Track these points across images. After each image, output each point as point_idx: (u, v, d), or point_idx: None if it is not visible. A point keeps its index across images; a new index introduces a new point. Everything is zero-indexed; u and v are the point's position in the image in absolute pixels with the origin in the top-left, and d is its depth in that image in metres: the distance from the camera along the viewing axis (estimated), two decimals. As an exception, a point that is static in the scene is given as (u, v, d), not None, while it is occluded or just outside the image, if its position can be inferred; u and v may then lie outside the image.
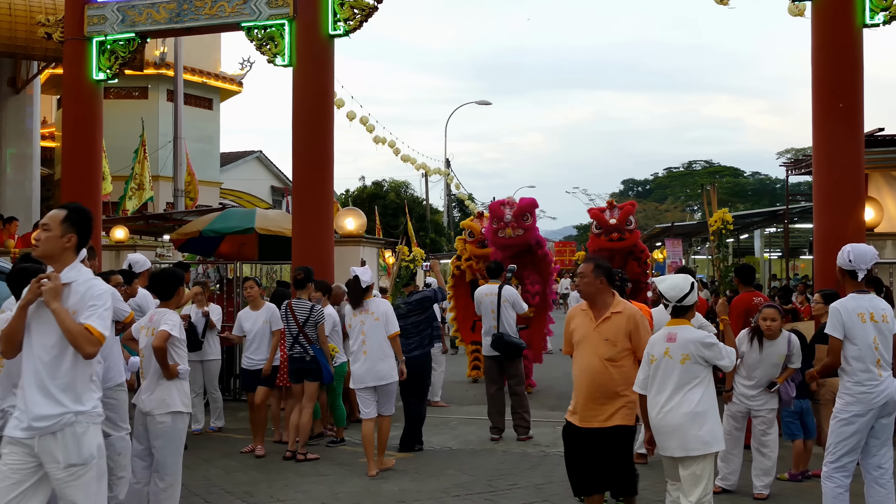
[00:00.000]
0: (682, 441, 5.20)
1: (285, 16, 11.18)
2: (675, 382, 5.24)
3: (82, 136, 12.31)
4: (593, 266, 5.54)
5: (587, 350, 5.53)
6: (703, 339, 5.30)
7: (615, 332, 5.47)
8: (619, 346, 5.46)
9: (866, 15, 9.58)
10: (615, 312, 5.52)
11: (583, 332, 5.57)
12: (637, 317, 5.53)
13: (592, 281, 5.53)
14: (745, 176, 71.94)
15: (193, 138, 23.60)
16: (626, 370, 5.47)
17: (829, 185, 9.76)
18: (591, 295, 5.57)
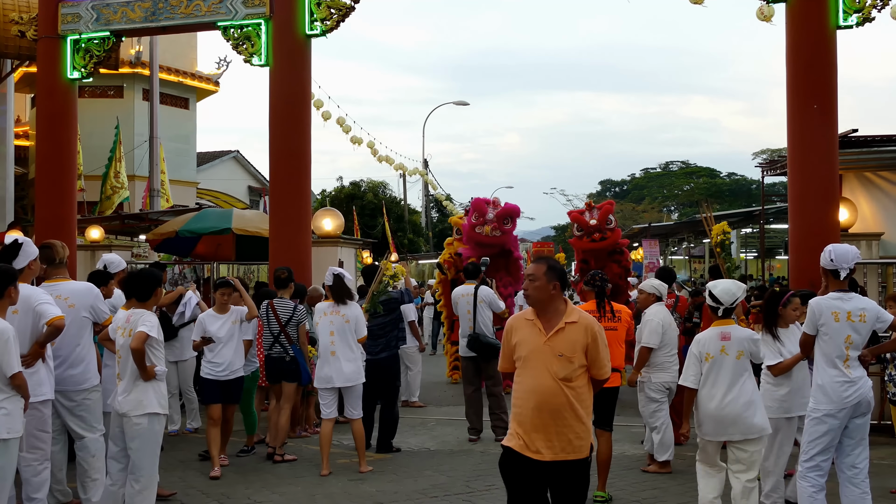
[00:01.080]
0: (742, 427, 5.97)
1: (262, 15, 11.13)
2: (731, 376, 6.02)
3: (57, 135, 12.19)
4: (546, 268, 4.67)
5: (537, 368, 4.57)
6: (753, 337, 6.18)
7: (570, 347, 4.56)
8: (575, 362, 4.55)
9: (840, 16, 9.67)
10: (570, 323, 4.61)
11: (530, 347, 4.63)
12: (595, 328, 4.65)
13: (544, 285, 4.64)
14: (721, 177, 72.42)
15: (170, 138, 23.43)
16: (582, 392, 4.60)
17: (804, 186, 9.84)
18: (541, 302, 4.67)
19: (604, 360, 4.66)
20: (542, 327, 4.63)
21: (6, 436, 5.38)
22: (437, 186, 43.26)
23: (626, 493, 7.40)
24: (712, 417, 6.03)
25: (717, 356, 6.04)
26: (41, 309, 5.92)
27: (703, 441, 6.17)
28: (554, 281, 4.65)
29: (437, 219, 48.21)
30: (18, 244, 6.22)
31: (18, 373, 5.42)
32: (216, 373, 8.20)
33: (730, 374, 6.01)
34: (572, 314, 4.67)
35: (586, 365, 4.63)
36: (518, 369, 4.70)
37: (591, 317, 4.71)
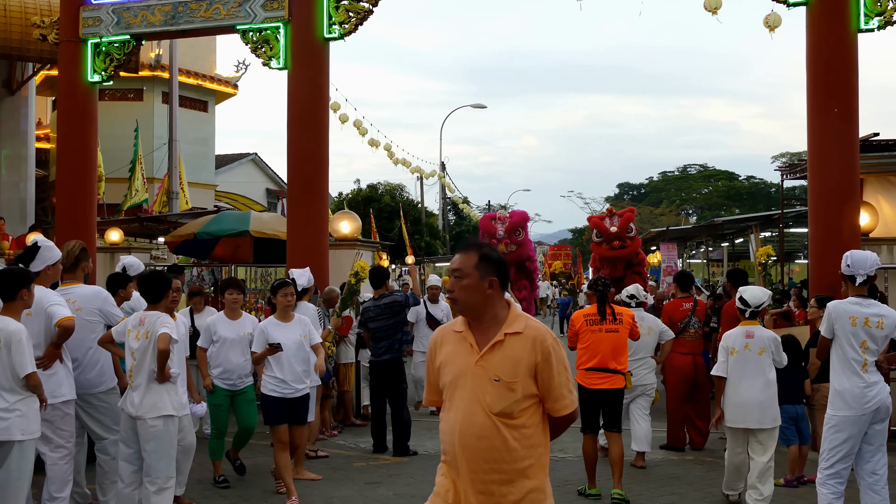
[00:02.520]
0: (759, 416, 6.77)
1: (280, 19, 11.17)
2: (752, 370, 6.79)
3: (77, 138, 12.28)
4: (477, 258, 3.41)
5: (465, 398, 3.36)
6: (775, 339, 7.00)
7: (511, 368, 3.32)
8: (517, 391, 3.30)
9: (861, 20, 9.60)
10: (511, 334, 3.36)
11: (458, 369, 3.40)
12: (548, 342, 3.37)
13: (476, 284, 3.39)
14: (740, 180, 72.04)
15: (188, 140, 23.56)
16: (531, 434, 3.36)
17: (824, 190, 9.77)
18: (472, 307, 3.41)
19: (562, 389, 3.37)
20: (475, 342, 3.39)
21: (20, 437, 5.42)
22: (454, 189, 43.33)
23: (644, 497, 7.37)
24: (733, 405, 6.85)
25: (741, 351, 6.86)
26: (52, 310, 5.97)
27: (727, 429, 6.98)
28: (490, 276, 3.39)
29: (454, 221, 48.24)
30: (36, 247, 6.26)
31: (33, 373, 5.46)
32: (281, 390, 7.15)
33: (751, 368, 6.82)
34: (516, 322, 3.39)
35: (537, 395, 3.36)
36: (445, 402, 3.46)
37: (544, 327, 3.45)
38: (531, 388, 3.35)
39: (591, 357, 7.33)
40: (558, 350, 3.40)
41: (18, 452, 5.43)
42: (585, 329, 7.41)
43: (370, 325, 9.32)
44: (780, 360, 6.99)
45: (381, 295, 9.38)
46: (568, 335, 7.90)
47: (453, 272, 3.45)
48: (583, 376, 7.35)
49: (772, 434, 6.86)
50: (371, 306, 9.32)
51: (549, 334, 3.43)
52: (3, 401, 5.41)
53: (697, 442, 9.45)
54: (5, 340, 5.43)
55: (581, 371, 7.37)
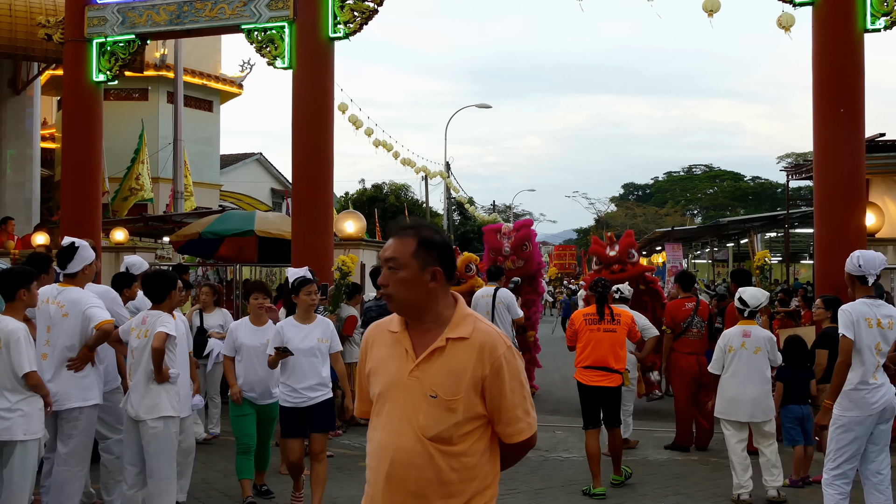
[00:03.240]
0: (751, 410, 7.17)
1: (285, 18, 11.16)
2: (748, 367, 7.15)
3: (82, 138, 12.28)
4: (416, 244, 2.80)
5: (395, 415, 2.78)
6: (771, 338, 7.35)
7: (452, 382, 2.73)
8: (458, 410, 2.72)
9: (867, 20, 9.56)
10: (455, 339, 2.77)
11: (389, 377, 2.82)
12: (499, 351, 2.76)
13: (415, 276, 2.79)
14: (745, 180, 71.99)
15: (193, 140, 23.58)
16: (474, 464, 2.76)
17: (830, 190, 9.74)
18: (411, 304, 2.82)
19: (516, 411, 2.76)
20: (411, 346, 2.80)
21: (22, 437, 5.42)
22: (458, 189, 43.34)
23: (649, 497, 7.36)
24: (728, 399, 7.25)
25: (738, 349, 7.23)
26: (90, 313, 6.00)
27: (723, 422, 7.34)
28: (432, 266, 2.79)
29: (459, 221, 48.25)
30: (74, 247, 6.22)
31: (31, 372, 5.46)
32: (293, 399, 6.51)
33: (747, 365, 7.19)
34: (462, 324, 2.79)
35: (485, 416, 2.77)
36: (372, 418, 2.89)
37: (496, 332, 2.83)
38: (477, 408, 2.74)
39: (589, 355, 7.58)
40: (513, 362, 2.77)
41: (21, 452, 5.44)
42: (584, 328, 7.65)
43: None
44: (775, 358, 7.37)
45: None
46: (567, 334, 8.13)
47: (386, 262, 2.81)
48: (581, 374, 7.64)
49: (765, 426, 7.30)
50: (373, 305, 9.32)
51: (501, 341, 2.78)
52: (5, 400, 5.42)
53: (702, 441, 9.43)
54: (4, 340, 5.44)
55: (580, 369, 7.66)
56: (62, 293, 6.11)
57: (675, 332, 9.47)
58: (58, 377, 5.97)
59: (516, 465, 2.98)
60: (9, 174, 18.25)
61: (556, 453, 9.12)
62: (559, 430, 10.51)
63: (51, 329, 6.05)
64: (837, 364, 5.75)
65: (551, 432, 10.36)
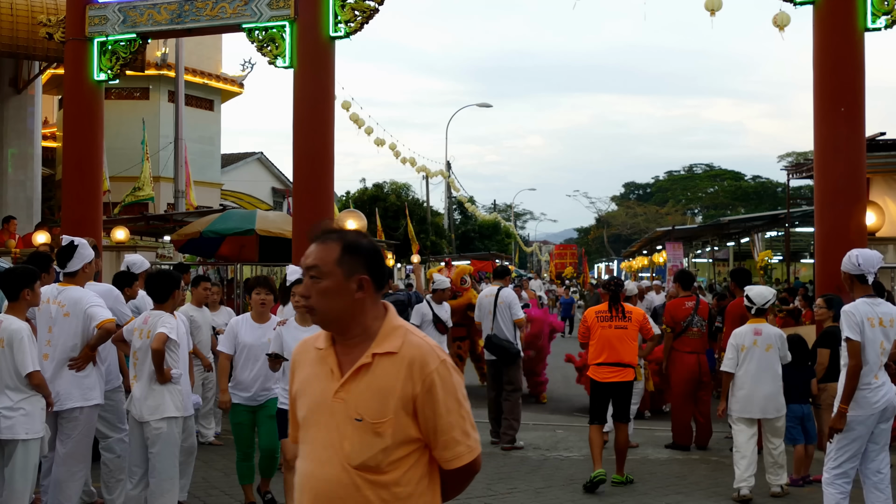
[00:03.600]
0: (764, 406, 7.28)
1: (286, 17, 11.16)
2: (759, 365, 7.26)
3: (83, 137, 12.29)
4: (340, 250, 2.56)
5: (319, 441, 2.54)
6: (781, 335, 7.46)
7: (379, 403, 2.47)
8: (387, 434, 2.46)
9: (868, 19, 9.55)
10: (382, 354, 2.52)
11: (314, 399, 2.57)
12: (432, 365, 2.50)
13: (340, 286, 2.54)
14: (746, 179, 71.97)
15: (194, 139, 23.57)
16: (411, 493, 2.51)
17: (831, 189, 9.73)
18: (336, 317, 2.56)
19: (453, 432, 2.50)
20: (336, 364, 2.55)
21: (24, 436, 5.44)
22: (459, 188, 43.38)
23: (650, 497, 7.37)
24: (741, 397, 7.32)
25: (749, 347, 7.32)
26: (91, 312, 5.99)
27: (735, 419, 7.40)
28: (358, 274, 2.55)
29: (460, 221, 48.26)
30: (74, 246, 6.22)
31: (35, 372, 5.47)
32: None
33: (758, 363, 7.27)
34: (390, 337, 2.54)
35: (420, 439, 2.50)
36: (300, 445, 2.63)
37: (429, 345, 2.54)
38: (408, 431, 2.46)
39: (601, 351, 7.75)
40: (448, 378, 2.49)
41: (23, 451, 5.45)
42: (597, 325, 7.84)
43: None
44: (785, 355, 7.41)
45: (384, 294, 9.35)
46: (580, 331, 8.30)
47: (307, 270, 2.55)
48: (595, 371, 7.81)
49: (777, 422, 7.40)
50: None
51: (434, 355, 2.50)
52: (7, 399, 5.43)
53: (701, 440, 9.44)
54: (7, 339, 5.45)
55: (593, 366, 7.82)
56: (63, 293, 6.11)
57: (676, 331, 9.48)
58: (59, 377, 5.97)
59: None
60: (10, 173, 18.25)
61: (556, 452, 9.13)
62: (559, 429, 10.52)
63: (52, 329, 6.05)
64: (849, 368, 5.66)
65: (552, 431, 10.37)
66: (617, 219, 76.50)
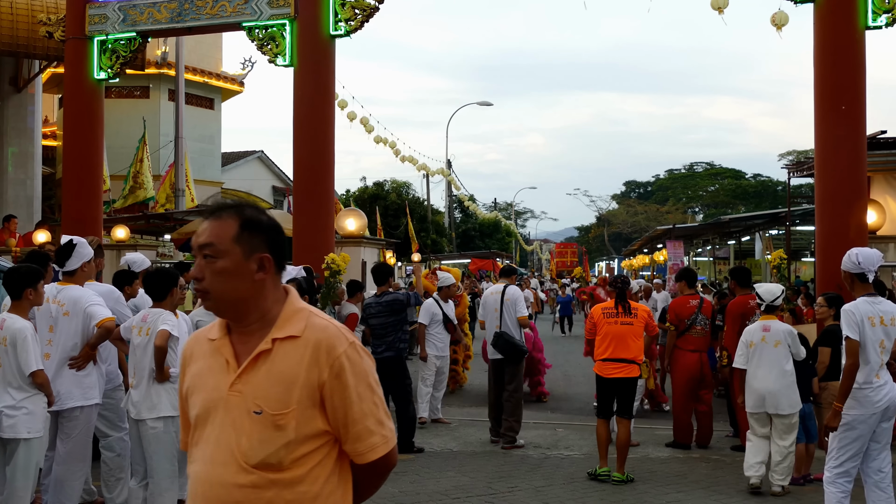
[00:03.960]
0: (775, 402, 7.26)
1: (286, 16, 11.16)
2: (769, 361, 7.28)
3: (83, 135, 12.29)
4: (238, 226, 2.31)
5: (212, 440, 2.29)
6: (791, 332, 7.44)
7: (280, 392, 2.24)
8: (289, 427, 2.22)
9: (869, 17, 9.55)
10: (283, 339, 2.28)
11: (208, 395, 2.32)
12: (340, 348, 2.27)
13: (238, 266, 2.29)
14: (746, 178, 71.98)
15: (195, 138, 23.60)
16: (318, 493, 2.27)
17: (831, 188, 9.73)
18: (234, 301, 2.31)
19: (366, 421, 2.27)
20: (232, 354, 2.30)
21: (27, 435, 5.44)
22: (460, 187, 43.37)
23: (650, 495, 7.36)
24: (751, 393, 7.37)
25: (758, 343, 7.37)
26: (91, 310, 5.99)
27: (748, 413, 7.46)
28: (259, 252, 2.31)
29: (461, 219, 48.25)
30: (72, 245, 6.21)
31: (38, 371, 5.47)
32: None
33: (768, 359, 7.30)
34: (292, 321, 2.30)
35: (328, 432, 2.27)
36: (189, 447, 2.37)
37: (335, 328, 2.32)
38: (315, 423, 2.23)
39: (607, 347, 7.87)
40: (358, 362, 2.28)
41: (25, 450, 5.45)
42: (603, 322, 7.97)
43: (371, 321, 9.32)
44: (797, 351, 7.40)
45: (384, 292, 9.35)
46: (586, 327, 8.43)
47: (201, 248, 2.29)
48: (600, 367, 7.93)
49: (790, 419, 7.33)
50: (373, 302, 9.31)
51: (342, 337, 2.29)
52: (10, 398, 5.44)
53: (703, 439, 9.43)
54: (11, 338, 5.45)
55: (599, 362, 7.95)
56: (62, 292, 6.10)
57: (679, 328, 9.47)
58: (60, 376, 5.96)
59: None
60: (10, 172, 18.27)
61: (557, 451, 9.12)
62: (560, 428, 10.51)
63: (53, 328, 6.04)
64: (847, 366, 5.65)
65: (552, 429, 10.36)
66: (617, 217, 76.48)
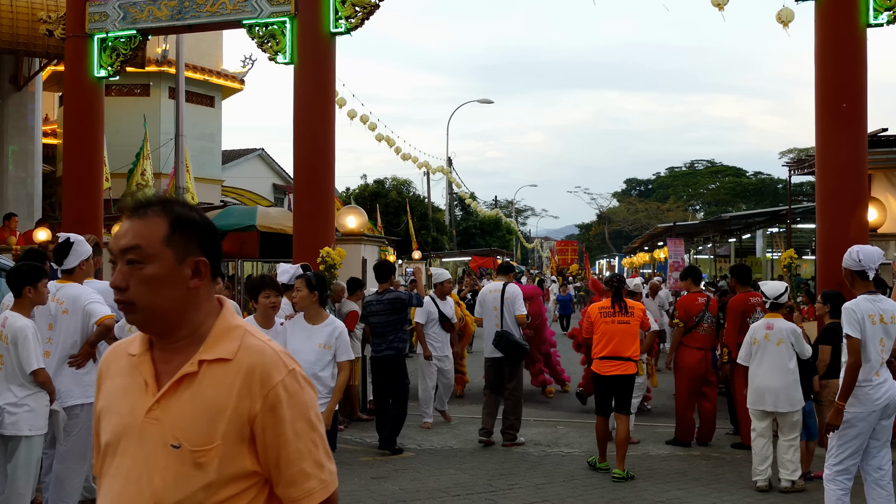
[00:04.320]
0: (776, 399, 7.31)
1: (286, 13, 11.15)
2: (772, 358, 7.33)
3: (84, 133, 12.29)
4: (168, 226, 1.96)
5: (123, 474, 1.94)
6: (795, 330, 7.51)
7: (203, 424, 1.90)
8: (211, 466, 1.88)
9: (870, 14, 9.53)
10: (212, 361, 1.94)
11: (121, 420, 1.97)
12: (277, 377, 1.93)
13: (171, 272, 1.95)
14: (747, 176, 71.96)
15: (195, 136, 23.56)
16: None
17: (832, 186, 9.72)
18: (163, 314, 1.96)
19: (302, 463, 1.93)
20: (152, 375, 1.96)
21: (28, 433, 5.45)
22: (460, 185, 43.36)
23: (650, 493, 7.35)
24: (754, 389, 7.45)
25: (762, 341, 7.44)
26: (90, 308, 5.98)
27: (751, 410, 7.53)
28: (193, 255, 1.97)
29: (461, 217, 48.22)
30: (69, 243, 6.19)
31: (40, 369, 5.48)
32: None
33: (771, 356, 7.36)
34: (225, 339, 1.96)
35: (258, 472, 1.93)
36: (98, 479, 2.04)
37: (274, 352, 1.96)
38: (242, 463, 1.90)
39: (605, 346, 7.95)
40: (298, 393, 1.93)
41: (26, 447, 5.46)
42: (600, 320, 8.04)
43: (371, 319, 9.26)
44: (801, 350, 7.46)
45: (385, 290, 9.29)
46: (584, 326, 8.51)
47: (124, 252, 1.92)
48: (598, 365, 8.00)
49: (791, 417, 7.38)
50: (374, 300, 9.24)
51: (280, 364, 1.94)
52: (12, 395, 5.45)
53: (704, 436, 9.43)
54: (12, 336, 5.46)
55: (596, 360, 8.02)
56: (60, 290, 6.10)
57: (688, 325, 9.47)
58: (60, 374, 5.96)
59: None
60: (11, 170, 18.25)
61: (557, 448, 9.12)
62: (560, 426, 10.51)
63: (53, 326, 6.04)
64: (848, 365, 5.62)
65: (552, 427, 10.36)
66: (618, 215, 76.48)
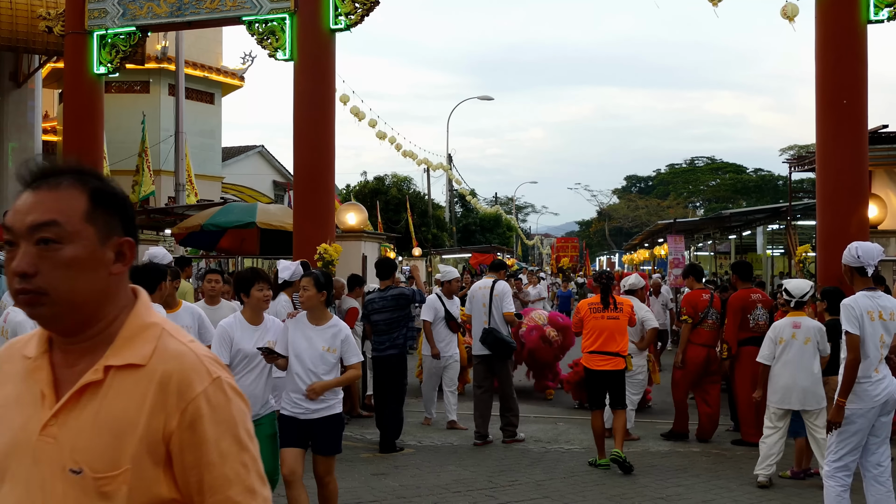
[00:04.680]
0: (803, 398, 7.31)
1: (286, 10, 11.14)
2: (799, 357, 7.30)
3: (83, 130, 12.29)
4: (88, 199, 1.60)
5: (13, 501, 1.56)
6: (821, 328, 7.43)
7: (110, 443, 1.55)
8: (119, 495, 1.52)
9: (871, 11, 9.52)
10: (121, 367, 1.58)
11: (12, 437, 1.59)
12: (199, 387, 1.57)
13: (93, 254, 1.60)
14: (747, 172, 71.91)
15: (195, 133, 23.56)
16: None
17: (833, 182, 9.71)
18: (77, 307, 1.59)
19: (230, 492, 1.57)
20: (51, 383, 1.62)
21: None
22: (461, 181, 43.36)
23: (650, 489, 7.35)
24: (780, 388, 7.39)
25: (788, 340, 7.38)
26: None
27: (772, 408, 7.50)
28: (118, 236, 1.67)
29: (461, 214, 48.24)
30: None
31: None
32: (292, 409, 5.60)
33: (798, 355, 7.32)
34: (137, 341, 1.64)
35: (176, 501, 1.58)
36: None
37: (199, 357, 1.63)
38: (158, 490, 1.57)
39: (594, 341, 8.06)
40: (224, 406, 1.61)
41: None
42: (589, 316, 8.14)
43: (373, 317, 9.02)
44: (824, 348, 7.43)
45: (388, 287, 9.16)
46: (573, 321, 8.62)
47: (34, 231, 1.57)
48: (588, 359, 8.15)
49: (818, 414, 7.34)
50: (376, 298, 9.08)
51: (203, 372, 1.61)
52: None
53: (705, 433, 9.43)
54: (13, 331, 5.48)
55: (586, 354, 8.16)
56: None
57: (695, 321, 9.47)
58: None
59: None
60: (11, 167, 18.23)
61: (557, 445, 9.12)
62: (560, 422, 10.51)
63: None
64: (848, 361, 5.61)
65: (553, 424, 10.36)
66: (618, 212, 76.49)
